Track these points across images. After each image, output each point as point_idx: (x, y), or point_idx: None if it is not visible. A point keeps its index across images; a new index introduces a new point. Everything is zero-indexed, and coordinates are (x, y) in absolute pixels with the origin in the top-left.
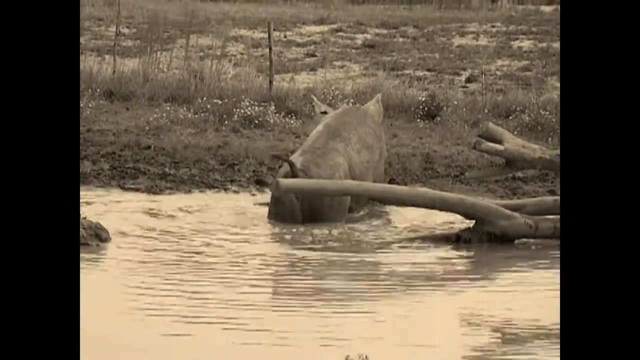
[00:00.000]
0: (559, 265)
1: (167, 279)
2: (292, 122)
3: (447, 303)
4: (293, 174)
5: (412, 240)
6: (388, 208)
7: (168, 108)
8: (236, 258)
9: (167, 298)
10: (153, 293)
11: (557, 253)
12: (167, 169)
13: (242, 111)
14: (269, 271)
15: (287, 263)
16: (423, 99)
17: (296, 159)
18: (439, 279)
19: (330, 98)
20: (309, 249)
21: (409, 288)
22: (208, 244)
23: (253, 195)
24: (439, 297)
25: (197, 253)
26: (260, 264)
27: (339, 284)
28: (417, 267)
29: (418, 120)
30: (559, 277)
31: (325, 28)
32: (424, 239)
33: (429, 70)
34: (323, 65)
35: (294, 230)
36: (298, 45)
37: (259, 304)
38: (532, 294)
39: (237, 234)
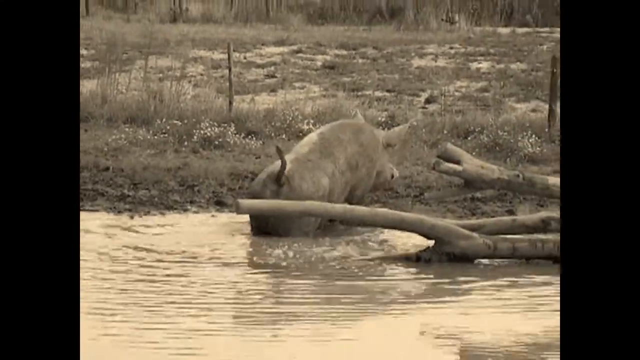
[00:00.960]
0: (517, 284)
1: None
2: (253, 142)
3: (406, 323)
4: (278, 176)
5: (371, 260)
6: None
7: (127, 129)
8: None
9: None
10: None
11: (515, 272)
12: (125, 191)
13: (202, 132)
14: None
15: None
16: (383, 119)
17: (288, 163)
18: (398, 300)
19: (290, 119)
20: (267, 272)
21: (367, 308)
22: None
23: (213, 216)
24: (396, 317)
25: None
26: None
27: (295, 307)
28: (376, 286)
29: None
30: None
31: (285, 49)
32: (383, 259)
33: (388, 91)
34: (283, 86)
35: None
36: (258, 66)
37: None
38: (490, 312)
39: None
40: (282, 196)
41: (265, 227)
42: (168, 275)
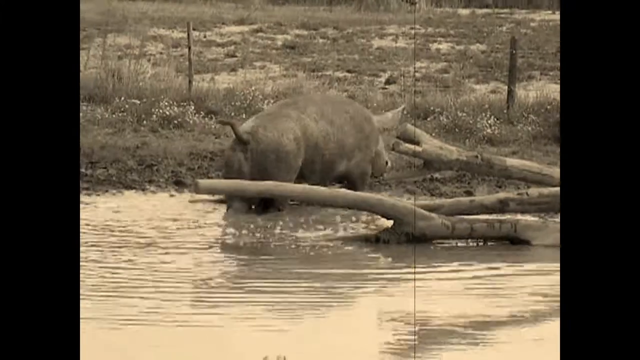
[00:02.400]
0: (476, 263)
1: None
2: (212, 122)
3: (367, 302)
4: (237, 136)
5: (331, 240)
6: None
7: (85, 108)
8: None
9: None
10: None
11: (474, 252)
12: (83, 169)
13: (161, 111)
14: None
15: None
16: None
17: (247, 124)
18: (359, 279)
19: (251, 98)
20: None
21: (330, 288)
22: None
23: (172, 196)
24: (358, 296)
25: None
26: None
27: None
28: (338, 267)
29: None
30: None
31: (245, 28)
32: (343, 239)
33: (348, 71)
34: (243, 65)
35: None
36: (218, 45)
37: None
38: (450, 290)
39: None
40: (254, 152)
41: (233, 174)
42: (118, 255)
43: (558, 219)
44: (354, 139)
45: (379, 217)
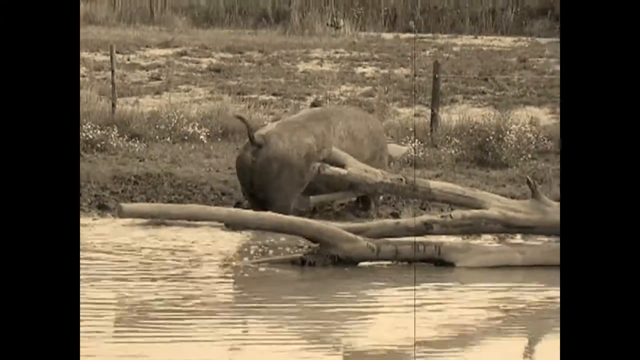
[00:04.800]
0: (401, 286)
1: None
2: (136, 145)
3: (290, 325)
4: (249, 136)
5: (257, 263)
6: None
7: None
8: None
9: None
10: None
11: (398, 274)
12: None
13: (84, 135)
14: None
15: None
16: (269, 123)
17: (267, 127)
18: (283, 301)
19: (175, 122)
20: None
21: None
22: None
23: (95, 219)
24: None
25: None
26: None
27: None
28: (256, 290)
29: None
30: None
31: (169, 51)
32: (269, 262)
33: (274, 94)
34: (168, 88)
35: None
36: (142, 68)
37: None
38: (376, 314)
39: None
40: (261, 156)
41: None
42: None
43: (481, 241)
44: (370, 152)
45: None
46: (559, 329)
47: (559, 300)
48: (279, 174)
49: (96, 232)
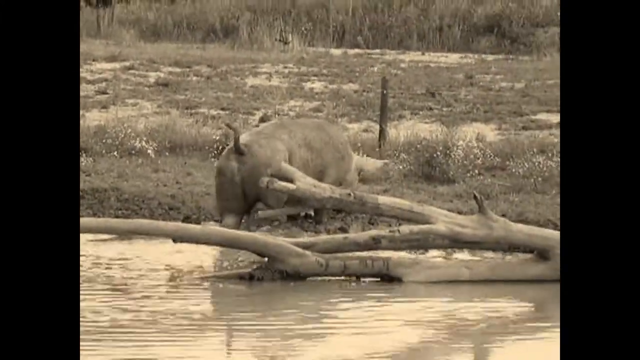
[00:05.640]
0: (349, 301)
1: None
2: (83, 160)
3: (237, 341)
4: (235, 145)
5: (204, 279)
6: None
7: None
8: None
9: None
10: None
11: (347, 289)
12: None
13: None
14: None
15: None
16: (217, 137)
17: (244, 137)
18: (227, 317)
19: (123, 136)
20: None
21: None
22: None
23: None
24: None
25: None
26: None
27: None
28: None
29: (212, 159)
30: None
31: (116, 65)
32: (217, 277)
33: (222, 109)
34: (115, 102)
35: None
36: (88, 82)
37: None
38: (324, 331)
39: None
40: (246, 164)
41: (227, 183)
42: None
43: (428, 256)
44: (331, 157)
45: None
46: (503, 345)
47: (503, 314)
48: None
49: None
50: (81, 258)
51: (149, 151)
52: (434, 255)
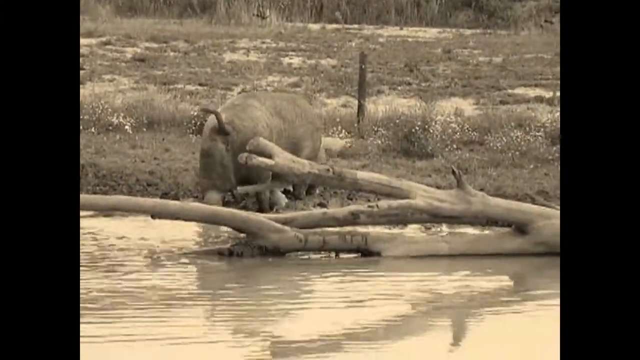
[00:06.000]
0: (329, 276)
1: None
2: None
3: (215, 315)
4: (220, 127)
5: (183, 255)
6: None
7: None
8: None
9: None
10: None
11: (326, 264)
12: None
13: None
14: None
15: None
16: (195, 113)
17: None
18: (207, 293)
19: (100, 112)
20: None
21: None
22: None
23: None
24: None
25: None
26: None
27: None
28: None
29: (190, 134)
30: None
31: (93, 41)
32: (196, 253)
33: (200, 84)
34: (92, 78)
35: None
36: None
37: None
38: (303, 306)
39: None
40: (233, 143)
41: (215, 164)
42: None
43: (407, 231)
44: (305, 130)
45: None
46: (483, 318)
47: (481, 288)
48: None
49: None
50: None
51: (127, 127)
52: (413, 229)
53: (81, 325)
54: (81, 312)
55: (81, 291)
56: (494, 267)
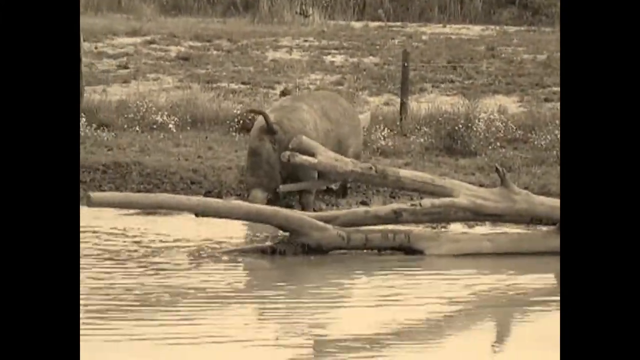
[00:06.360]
0: (372, 274)
1: None
2: (105, 134)
3: (258, 313)
4: (268, 126)
5: (226, 253)
6: None
7: None
8: None
9: None
10: None
11: (368, 262)
12: None
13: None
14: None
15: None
16: (238, 112)
17: (269, 115)
18: (251, 292)
19: (144, 110)
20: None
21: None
22: None
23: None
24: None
25: None
26: None
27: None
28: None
29: (233, 133)
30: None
31: (137, 40)
32: (239, 251)
33: (243, 83)
34: (136, 77)
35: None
36: (110, 57)
37: None
38: (346, 304)
39: None
40: (282, 143)
41: (262, 162)
42: None
43: (450, 229)
44: (349, 128)
45: None
46: (527, 317)
47: (525, 287)
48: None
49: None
50: (103, 231)
51: (170, 125)
52: (456, 228)
53: (124, 325)
54: (124, 311)
55: (122, 290)
56: (538, 265)
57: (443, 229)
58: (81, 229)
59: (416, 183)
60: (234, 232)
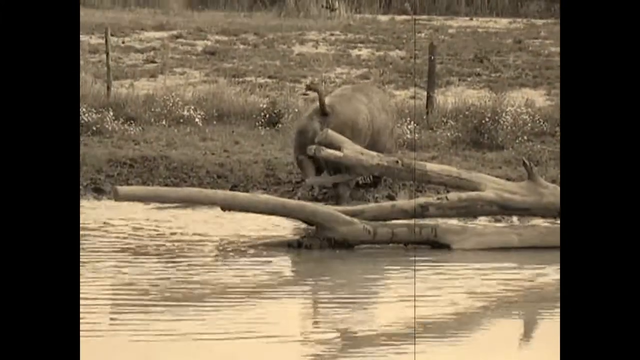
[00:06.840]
0: (399, 268)
1: None
2: (132, 129)
3: (287, 308)
4: (321, 107)
5: (252, 247)
6: None
7: None
8: None
9: None
10: None
11: (395, 256)
12: None
13: (80, 118)
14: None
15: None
16: (264, 106)
17: (326, 99)
18: (279, 285)
19: (171, 105)
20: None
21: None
22: None
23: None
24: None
25: None
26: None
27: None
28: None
29: (259, 127)
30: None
31: (164, 34)
32: (265, 245)
33: (269, 77)
34: (163, 71)
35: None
36: (137, 51)
37: None
38: (376, 299)
39: None
40: (331, 124)
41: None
42: None
43: (477, 223)
44: (392, 123)
45: None
46: (554, 312)
47: (554, 281)
48: (351, 139)
49: (94, 214)
50: (129, 224)
51: (197, 120)
52: (483, 221)
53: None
54: (148, 306)
55: (150, 284)
56: None
57: (471, 224)
58: (107, 223)
59: (443, 177)
60: (260, 226)
